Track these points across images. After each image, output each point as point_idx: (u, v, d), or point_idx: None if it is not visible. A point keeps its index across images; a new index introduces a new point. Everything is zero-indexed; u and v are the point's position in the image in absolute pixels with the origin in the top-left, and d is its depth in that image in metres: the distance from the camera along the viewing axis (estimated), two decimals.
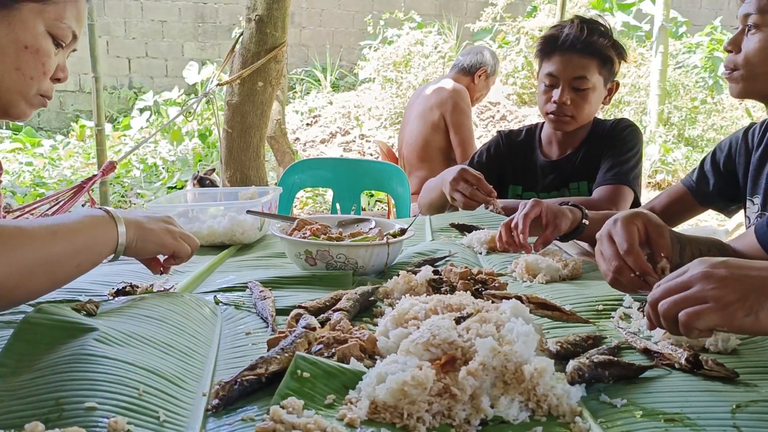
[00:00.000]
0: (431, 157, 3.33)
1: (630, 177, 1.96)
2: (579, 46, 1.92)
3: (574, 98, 1.95)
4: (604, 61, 1.95)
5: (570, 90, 1.95)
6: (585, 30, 1.93)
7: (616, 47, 1.97)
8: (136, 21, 8.20)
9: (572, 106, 1.96)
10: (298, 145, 7.14)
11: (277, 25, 3.51)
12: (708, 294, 0.76)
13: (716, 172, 1.63)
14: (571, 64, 1.93)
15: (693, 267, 0.80)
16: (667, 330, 0.80)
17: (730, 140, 1.61)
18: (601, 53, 1.94)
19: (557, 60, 1.95)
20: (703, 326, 0.75)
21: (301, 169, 2.91)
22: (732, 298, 0.75)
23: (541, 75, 2.01)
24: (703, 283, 0.77)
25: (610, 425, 0.70)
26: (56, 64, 1.12)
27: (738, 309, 0.75)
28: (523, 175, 2.15)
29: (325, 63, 8.55)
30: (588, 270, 1.35)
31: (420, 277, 1.15)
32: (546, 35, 2.03)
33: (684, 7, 9.18)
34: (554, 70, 1.96)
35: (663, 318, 0.78)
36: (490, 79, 3.50)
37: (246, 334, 0.97)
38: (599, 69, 1.95)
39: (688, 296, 0.77)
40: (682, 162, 6.83)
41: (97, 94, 4.46)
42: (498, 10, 8.08)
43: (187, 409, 0.73)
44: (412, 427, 0.68)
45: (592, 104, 1.98)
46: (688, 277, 0.79)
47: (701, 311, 0.75)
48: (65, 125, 7.98)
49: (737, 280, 0.76)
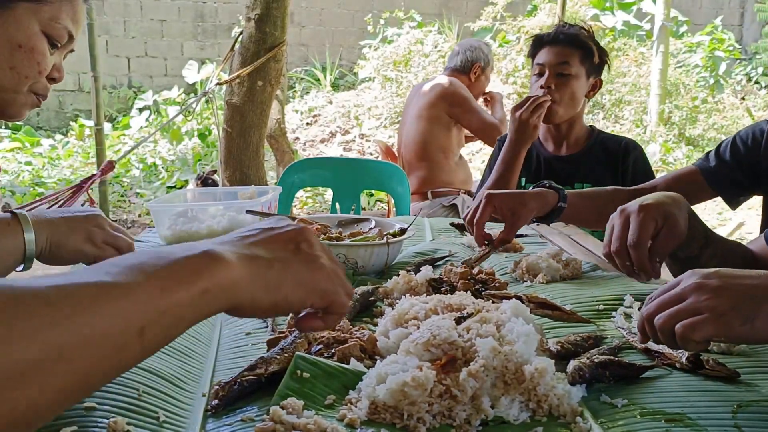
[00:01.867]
0: (430, 156, 3.32)
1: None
2: (562, 37, 2.11)
3: (557, 84, 2.09)
4: (586, 53, 2.11)
5: (554, 76, 2.09)
6: (568, 26, 2.15)
7: (597, 45, 2.15)
8: (135, 20, 8.19)
9: (556, 90, 2.08)
10: (298, 144, 7.14)
11: (276, 24, 3.51)
12: (702, 305, 0.75)
13: (735, 161, 1.58)
14: (556, 54, 2.11)
15: (686, 279, 0.80)
16: (664, 344, 0.80)
17: (753, 131, 1.56)
18: (584, 45, 2.11)
19: (544, 52, 2.13)
20: (700, 337, 0.74)
21: (301, 169, 2.91)
22: (726, 308, 0.75)
23: (533, 68, 2.17)
24: (697, 294, 0.76)
25: (610, 425, 0.70)
26: (52, 64, 1.10)
27: (733, 318, 0.74)
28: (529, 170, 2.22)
29: (325, 62, 8.54)
30: (588, 270, 1.35)
31: (420, 277, 1.15)
32: (534, 35, 2.25)
33: (684, 7, 9.17)
34: (541, 60, 2.13)
35: (660, 332, 0.78)
36: (486, 72, 3.48)
37: (246, 334, 0.97)
38: (581, 59, 2.10)
39: (683, 309, 0.77)
40: (683, 161, 6.83)
41: (96, 93, 4.46)
42: (498, 9, 8.07)
43: (186, 409, 0.72)
44: (413, 427, 0.68)
45: (575, 92, 2.10)
46: (681, 289, 0.79)
47: (696, 323, 0.74)
48: (64, 125, 7.97)
49: (730, 289, 0.76)
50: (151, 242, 1.60)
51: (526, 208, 1.43)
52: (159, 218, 1.59)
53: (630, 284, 1.22)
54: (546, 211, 1.47)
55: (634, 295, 1.11)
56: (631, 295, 1.11)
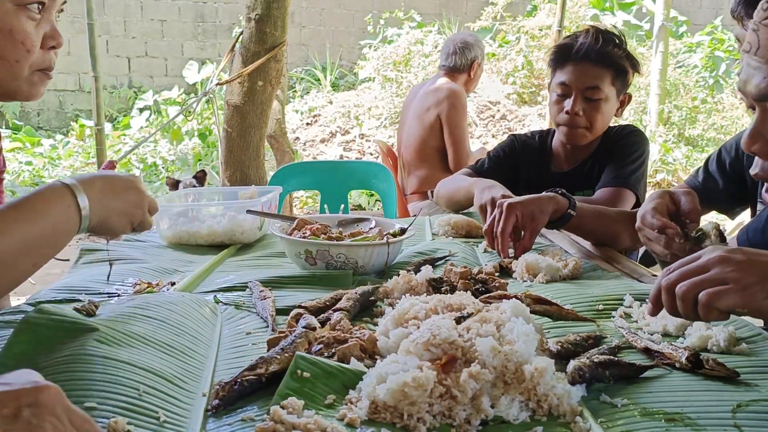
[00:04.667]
0: (430, 156, 3.32)
1: (631, 180, 1.93)
2: (593, 55, 1.88)
3: (586, 108, 1.91)
4: (618, 72, 1.91)
5: (582, 100, 1.90)
6: (600, 40, 1.89)
7: (630, 59, 1.94)
8: (135, 20, 8.20)
9: (584, 117, 1.92)
10: (298, 144, 7.14)
11: (276, 25, 3.51)
12: (728, 276, 0.77)
13: (723, 174, 1.60)
14: (585, 74, 1.89)
15: (708, 252, 0.82)
16: (681, 312, 0.80)
17: (736, 141, 1.57)
18: (616, 64, 1.90)
19: (570, 69, 1.91)
20: (724, 306, 0.76)
21: (290, 175, 2.94)
22: (752, 281, 0.77)
23: (553, 84, 1.97)
24: (722, 266, 0.78)
25: (610, 425, 0.70)
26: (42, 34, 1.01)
27: (758, 291, 0.76)
28: (536, 185, 2.03)
29: (325, 62, 8.54)
30: (588, 270, 1.35)
31: (420, 277, 1.15)
32: (560, 44, 1.99)
33: (684, 7, 9.18)
34: (567, 79, 1.91)
35: (681, 299, 0.79)
36: (482, 64, 3.53)
37: (246, 334, 0.97)
38: (612, 80, 1.91)
39: (708, 278, 0.78)
40: (683, 162, 6.83)
41: (96, 93, 4.47)
42: (498, 10, 8.07)
43: (187, 409, 0.72)
44: (413, 427, 0.68)
45: (604, 115, 1.94)
46: (705, 261, 0.80)
47: (722, 291, 0.76)
48: (65, 125, 7.97)
49: (755, 264, 0.78)
50: (152, 242, 1.60)
51: (544, 213, 1.46)
52: (159, 218, 1.59)
53: (630, 284, 1.23)
54: (556, 217, 1.49)
55: (633, 295, 1.11)
56: (631, 295, 1.11)
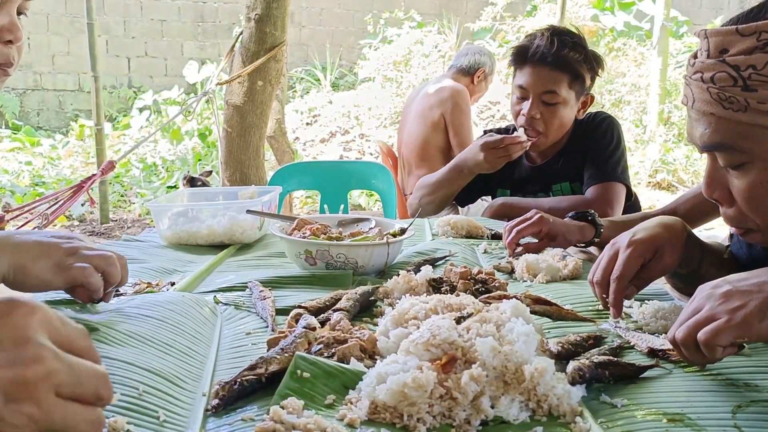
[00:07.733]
0: (431, 157, 3.32)
1: (617, 171, 1.93)
2: (549, 59, 1.86)
3: (543, 112, 1.91)
4: (576, 76, 1.90)
5: (540, 104, 1.90)
6: (555, 43, 1.87)
7: (589, 60, 1.92)
8: (135, 20, 8.20)
9: (542, 120, 1.91)
10: (298, 144, 7.14)
11: (276, 24, 3.51)
12: (718, 310, 0.76)
13: None
14: (541, 78, 1.88)
15: (697, 294, 0.81)
16: (690, 359, 0.80)
17: None
18: (572, 68, 1.88)
19: (528, 72, 1.91)
20: (724, 342, 0.75)
21: (290, 175, 2.93)
22: (740, 308, 0.76)
23: (514, 85, 1.98)
24: (710, 302, 0.78)
25: (610, 425, 0.70)
26: None
27: (751, 317, 0.75)
28: (510, 180, 2.10)
29: (325, 62, 8.55)
30: (588, 270, 1.35)
31: (420, 277, 1.15)
32: (518, 45, 1.97)
33: (684, 7, 9.18)
34: (524, 82, 1.91)
35: (683, 346, 0.78)
36: (489, 78, 3.51)
37: (246, 334, 0.97)
38: (570, 83, 1.90)
39: (700, 318, 0.77)
40: (683, 161, 6.83)
41: (96, 93, 4.47)
42: (498, 10, 8.08)
43: (187, 409, 0.72)
44: (413, 427, 0.68)
45: (562, 119, 1.93)
46: (696, 303, 0.80)
47: (717, 328, 0.75)
48: (64, 124, 7.97)
49: (740, 290, 0.77)
50: (152, 242, 1.60)
51: (566, 241, 1.47)
52: (159, 218, 1.59)
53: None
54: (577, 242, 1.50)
55: None
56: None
